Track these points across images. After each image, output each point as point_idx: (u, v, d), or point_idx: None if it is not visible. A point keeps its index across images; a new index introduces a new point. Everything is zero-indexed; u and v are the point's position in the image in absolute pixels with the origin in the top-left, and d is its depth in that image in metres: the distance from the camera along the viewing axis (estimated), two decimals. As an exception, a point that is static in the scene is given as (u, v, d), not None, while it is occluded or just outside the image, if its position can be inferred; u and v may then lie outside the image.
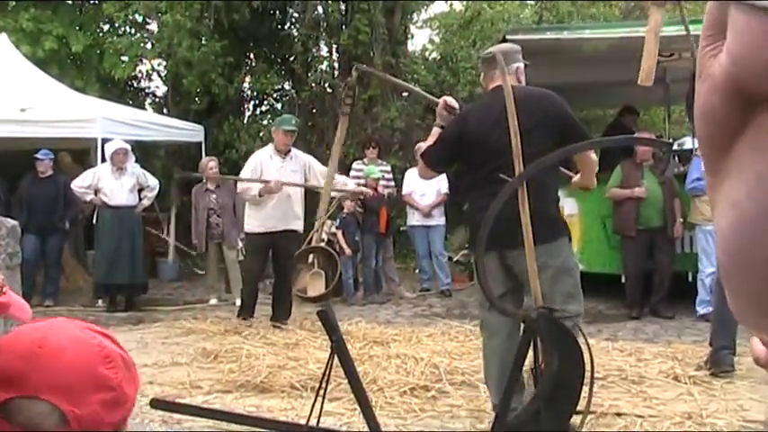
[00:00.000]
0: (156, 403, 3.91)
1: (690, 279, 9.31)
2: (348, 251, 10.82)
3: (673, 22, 11.51)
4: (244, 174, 9.32)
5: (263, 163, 9.10)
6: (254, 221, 9.17)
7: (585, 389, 4.13)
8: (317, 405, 3.69)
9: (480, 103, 5.05)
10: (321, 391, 3.52)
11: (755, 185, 0.65)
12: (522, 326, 3.89)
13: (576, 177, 5.39)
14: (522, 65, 5.16)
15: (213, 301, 10.93)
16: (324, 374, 3.46)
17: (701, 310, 8.79)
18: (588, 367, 3.99)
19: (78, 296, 11.21)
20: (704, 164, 0.74)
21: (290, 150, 9.22)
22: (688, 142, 12.47)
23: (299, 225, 9.24)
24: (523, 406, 3.82)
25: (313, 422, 3.77)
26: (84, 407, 1.31)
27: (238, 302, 10.66)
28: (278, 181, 8.89)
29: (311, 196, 9.53)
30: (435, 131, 5.24)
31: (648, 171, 9.25)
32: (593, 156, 5.22)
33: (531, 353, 3.93)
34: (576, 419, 4.18)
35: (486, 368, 5.15)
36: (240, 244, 11.27)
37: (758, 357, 0.85)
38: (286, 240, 8.97)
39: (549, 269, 4.76)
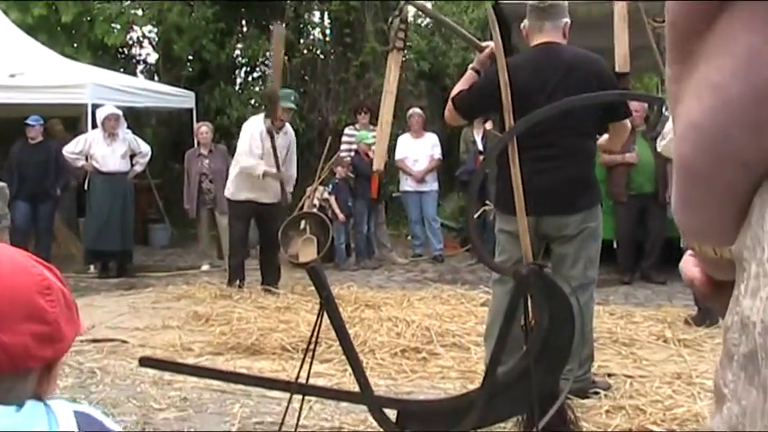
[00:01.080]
0: (146, 362, 3.90)
1: (682, 244, 9.30)
2: (341, 217, 10.81)
3: (666, -13, 11.50)
4: (244, 147, 8.87)
5: (262, 134, 8.76)
6: (240, 189, 8.96)
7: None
8: (306, 362, 3.68)
9: (526, 59, 4.85)
10: (311, 348, 3.51)
11: (744, 60, 0.61)
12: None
13: (603, 139, 5.34)
14: (569, 20, 4.97)
15: (205, 267, 10.92)
16: (313, 331, 3.46)
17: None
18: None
19: (70, 263, 11.16)
20: (671, 51, 0.70)
21: (284, 125, 9.03)
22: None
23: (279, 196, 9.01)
24: (513, 363, 3.82)
25: (303, 381, 3.76)
26: (14, 335, 1.22)
27: (230, 268, 10.69)
28: (284, 174, 8.80)
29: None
30: (470, 75, 4.95)
31: (641, 136, 9.21)
32: (629, 125, 5.21)
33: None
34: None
35: (490, 325, 4.98)
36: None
37: (692, 278, 0.82)
38: (271, 209, 8.91)
39: (582, 234, 4.80)
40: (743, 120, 0.63)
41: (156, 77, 16.12)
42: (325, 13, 15.97)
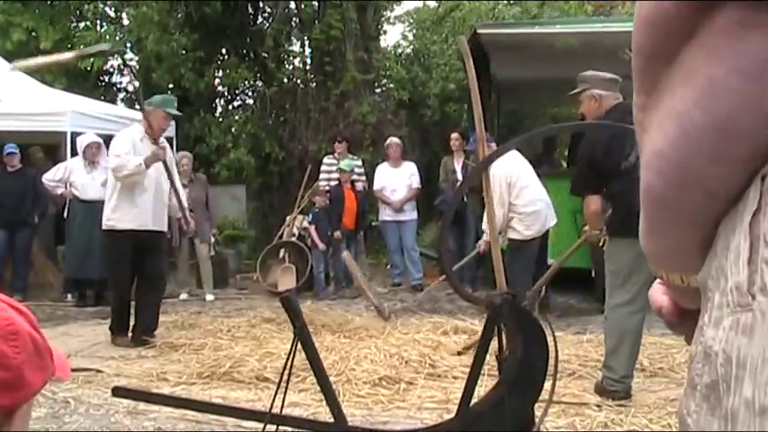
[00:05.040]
0: (118, 391, 3.87)
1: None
2: (321, 245, 10.80)
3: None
4: (118, 151, 7.86)
5: (136, 146, 7.86)
6: (125, 216, 7.81)
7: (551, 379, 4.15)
8: (281, 392, 3.67)
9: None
10: (284, 377, 3.49)
11: (707, 91, 0.61)
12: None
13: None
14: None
15: (184, 296, 10.87)
16: (287, 360, 3.44)
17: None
18: (553, 358, 4.00)
19: (48, 291, 11.12)
20: (637, 80, 0.70)
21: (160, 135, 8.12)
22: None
23: (166, 224, 8.32)
24: (487, 392, 3.82)
25: (276, 410, 3.74)
26: None
27: (209, 297, 10.63)
28: (163, 148, 7.84)
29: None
30: None
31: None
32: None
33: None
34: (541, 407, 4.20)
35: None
36: (212, 239, 11.21)
37: (660, 306, 0.82)
38: (155, 239, 8.03)
39: None
40: (705, 150, 0.63)
41: (136, 105, 16.11)
42: (306, 43, 16.04)
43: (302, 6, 15.60)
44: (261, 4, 16.13)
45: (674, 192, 0.67)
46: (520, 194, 8.47)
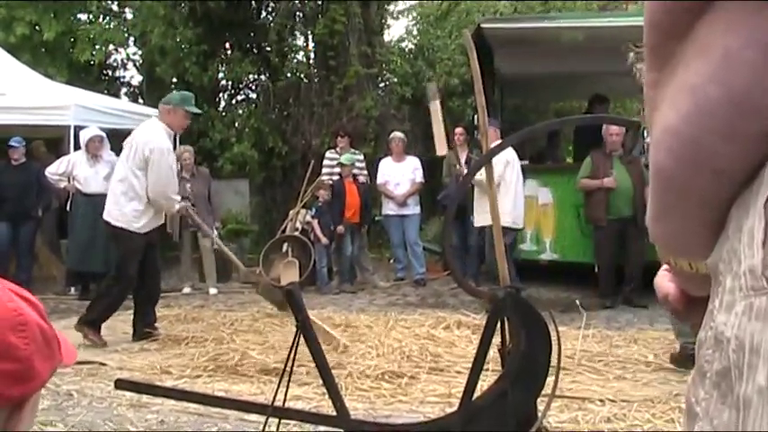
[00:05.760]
0: (121, 384, 3.88)
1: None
2: (324, 240, 10.80)
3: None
4: (172, 175, 7.85)
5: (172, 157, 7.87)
6: (146, 220, 7.73)
7: (552, 375, 4.14)
8: (283, 385, 3.67)
9: None
10: (287, 370, 3.50)
11: (721, 64, 0.60)
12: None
13: None
14: None
15: (187, 290, 10.88)
16: (289, 354, 3.45)
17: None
18: (555, 354, 3.99)
19: (51, 284, 11.13)
20: (649, 57, 0.68)
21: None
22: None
23: None
24: (489, 386, 3.81)
25: (279, 403, 3.74)
26: None
27: (212, 291, 10.65)
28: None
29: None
30: None
31: (618, 161, 9.25)
32: None
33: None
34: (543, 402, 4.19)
35: None
36: (215, 232, 11.20)
37: (666, 294, 0.81)
38: (154, 235, 8.00)
39: None
40: (719, 125, 0.61)
41: (140, 99, 16.12)
42: (309, 37, 16.02)
43: (306, 1, 15.58)
44: (265, -1, 16.13)
45: (685, 170, 0.65)
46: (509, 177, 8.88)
